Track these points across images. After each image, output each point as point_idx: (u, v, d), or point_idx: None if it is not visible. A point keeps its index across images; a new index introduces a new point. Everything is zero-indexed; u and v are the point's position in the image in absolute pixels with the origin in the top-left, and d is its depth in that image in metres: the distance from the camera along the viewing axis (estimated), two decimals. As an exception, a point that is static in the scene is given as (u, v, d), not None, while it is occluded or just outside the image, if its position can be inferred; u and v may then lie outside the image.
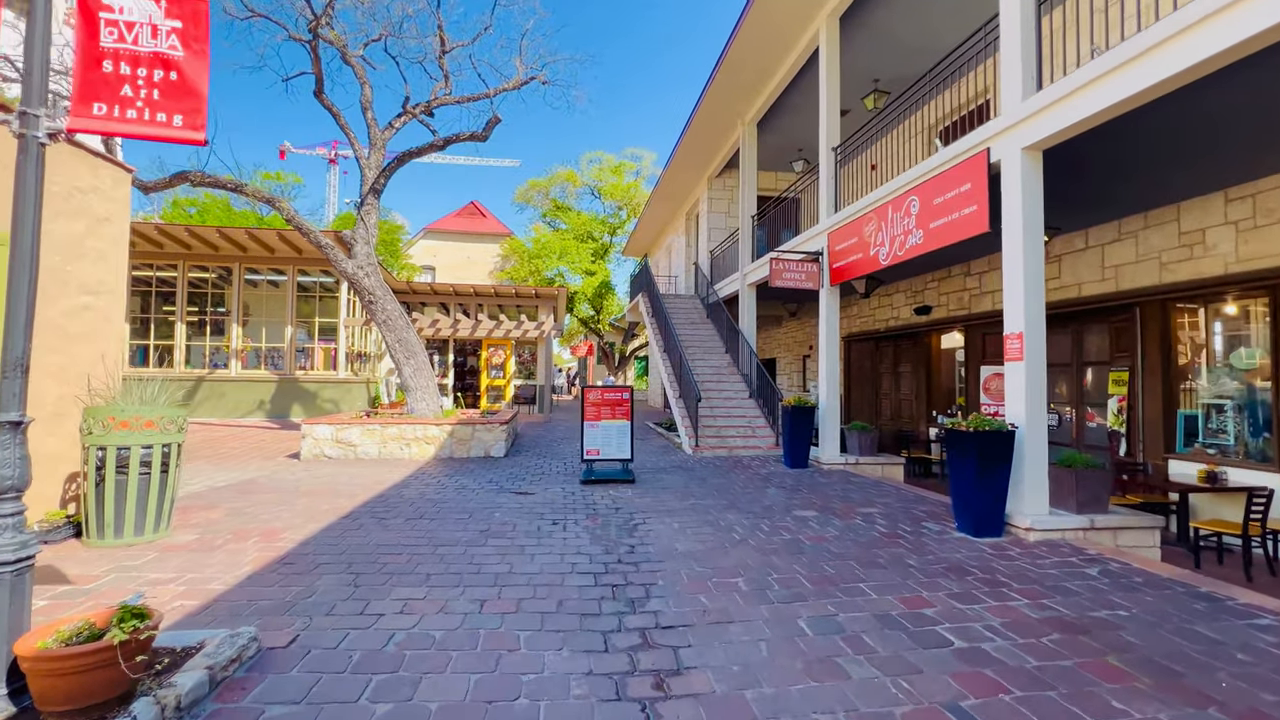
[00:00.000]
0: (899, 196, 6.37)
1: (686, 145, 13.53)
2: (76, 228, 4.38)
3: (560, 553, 4.15)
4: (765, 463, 8.36)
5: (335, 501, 5.54)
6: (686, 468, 7.97)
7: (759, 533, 4.72)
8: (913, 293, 11.46)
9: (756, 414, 10.21)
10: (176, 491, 4.28)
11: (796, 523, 5.05)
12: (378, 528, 4.67)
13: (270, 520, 4.80)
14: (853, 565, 3.93)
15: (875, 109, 10.20)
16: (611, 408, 7.00)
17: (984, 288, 9.54)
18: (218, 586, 3.31)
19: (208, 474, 6.92)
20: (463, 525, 4.81)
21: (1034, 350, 4.66)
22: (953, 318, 10.21)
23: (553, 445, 10.26)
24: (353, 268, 9.60)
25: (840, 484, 6.93)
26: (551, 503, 5.74)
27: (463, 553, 4.08)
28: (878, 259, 6.78)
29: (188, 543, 4.10)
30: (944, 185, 5.57)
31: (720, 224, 14.73)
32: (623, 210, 28.30)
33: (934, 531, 4.78)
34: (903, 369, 12.23)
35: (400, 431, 8.40)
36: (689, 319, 13.64)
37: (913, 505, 5.79)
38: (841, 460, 7.92)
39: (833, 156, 8.19)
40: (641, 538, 4.55)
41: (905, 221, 6.18)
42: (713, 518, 5.21)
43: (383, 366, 15.78)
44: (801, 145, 13.34)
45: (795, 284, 8.05)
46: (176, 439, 4.17)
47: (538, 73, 11.21)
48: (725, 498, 6.07)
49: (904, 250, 6.25)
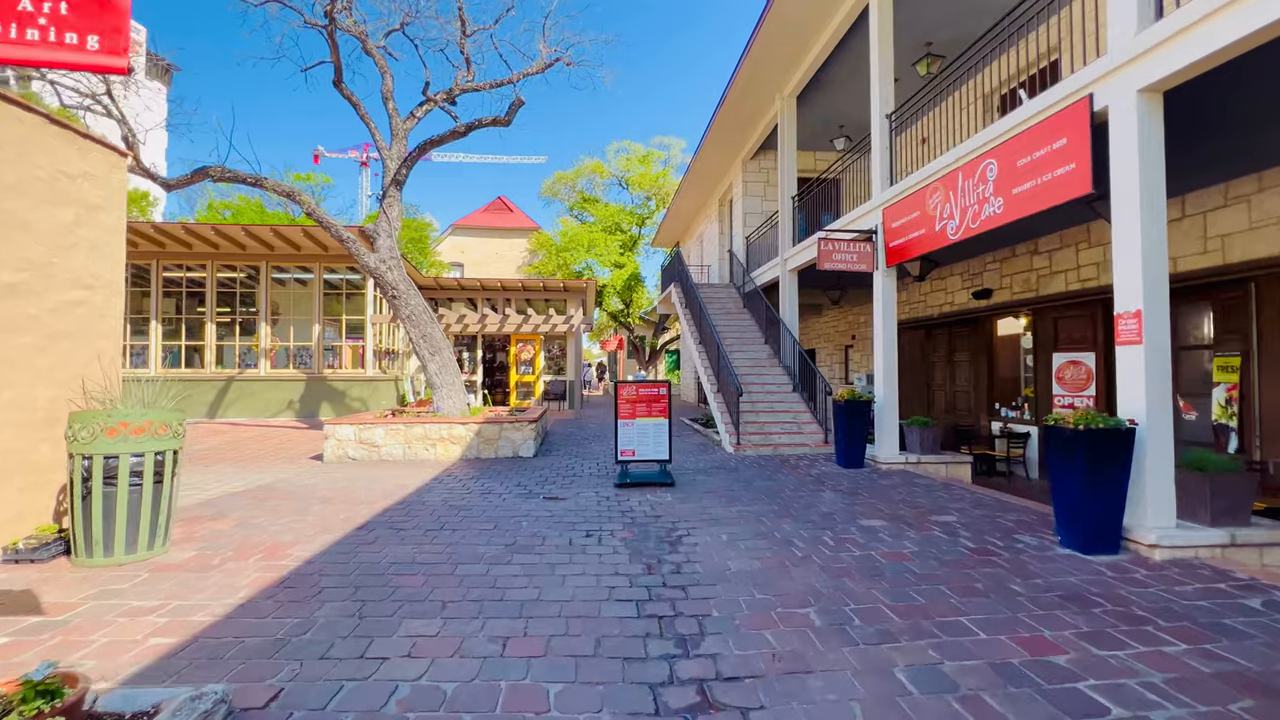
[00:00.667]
0: (972, 161, 5.61)
1: (720, 125, 12.81)
2: (64, 216, 4.01)
3: (596, 573, 3.60)
4: (815, 462, 7.68)
5: (352, 510, 5.12)
6: (729, 468, 7.35)
7: (823, 547, 4.10)
8: (970, 275, 10.56)
9: (801, 408, 9.51)
10: (175, 503, 3.89)
11: (865, 534, 4.40)
12: (393, 541, 4.20)
13: (279, 532, 4.38)
14: (945, 592, 3.28)
15: (929, 75, 9.35)
16: (648, 404, 6.43)
17: (1055, 267, 8.62)
18: (203, 619, 2.86)
19: (229, 478, 6.62)
20: (486, 538, 4.31)
21: (1156, 331, 3.89)
22: (1017, 301, 9.30)
23: (584, 444, 9.76)
24: (375, 261, 9.25)
25: (904, 486, 6.22)
26: (584, 510, 5.21)
27: (485, 573, 3.57)
28: (944, 234, 6.02)
29: (184, 561, 3.69)
30: (1031, 143, 4.80)
31: (756, 208, 13.98)
32: (651, 200, 27.66)
33: (1032, 547, 4.07)
34: (958, 358, 11.32)
35: (425, 431, 8.00)
36: (724, 309, 12.97)
37: (995, 513, 5.06)
38: (901, 459, 7.19)
39: (887, 124, 7.41)
40: (687, 553, 3.98)
41: (980, 189, 5.42)
42: (766, 528, 4.60)
43: (411, 364, 15.56)
44: (843, 121, 12.50)
45: (847, 266, 7.32)
46: (171, 445, 3.77)
47: (562, 54, 10.69)
48: (776, 503, 5.44)
49: (978, 223, 5.49)
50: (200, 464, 7.57)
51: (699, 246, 19.81)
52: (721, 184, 16.29)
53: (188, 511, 4.98)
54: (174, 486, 3.84)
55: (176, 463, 3.87)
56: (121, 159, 4.51)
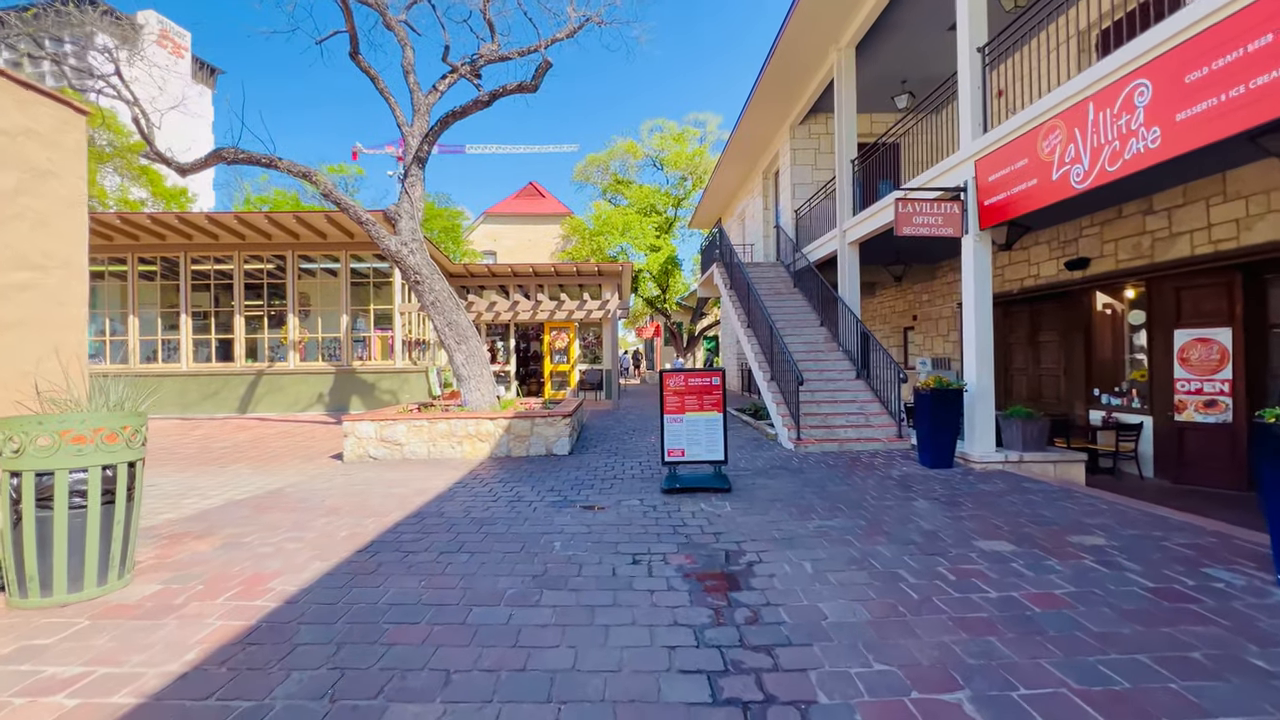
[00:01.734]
0: (1109, 87, 4.44)
1: (765, 88, 11.64)
2: (1, 181, 3.33)
3: (648, 622, 2.74)
4: (891, 460, 6.64)
5: (359, 524, 4.40)
6: (791, 468, 6.39)
7: (942, 583, 3.13)
8: (1061, 243, 9.22)
9: (868, 397, 8.43)
10: (135, 527, 3.20)
11: (992, 564, 3.41)
12: (399, 569, 3.44)
13: (267, 557, 3.68)
14: (1151, 667, 2.28)
15: (1017, 8, 8.02)
16: (699, 397, 5.52)
17: (1176, 227, 7.27)
18: (125, 700, 2.12)
19: (240, 481, 6.04)
20: (510, 565, 3.50)
21: None
22: (1124, 270, 7.96)
23: (623, 439, 8.93)
24: (396, 244, 8.57)
25: (1013, 494, 5.14)
26: (628, 524, 4.36)
27: (505, 622, 2.76)
28: (1065, 184, 4.87)
29: (140, 601, 3.00)
30: (1213, 47, 3.64)
31: (806, 178, 12.79)
32: (687, 180, 26.49)
33: (1240, 589, 3.00)
34: (1044, 338, 9.99)
35: (450, 428, 7.30)
36: (773, 289, 11.89)
37: (1153, 532, 3.97)
38: (999, 458, 6.09)
39: (979, 59, 6.21)
40: (764, 591, 3.08)
41: (1123, 121, 4.26)
42: (858, 552, 3.65)
43: (442, 355, 15.02)
44: (906, 75, 11.18)
45: (930, 230, 6.21)
46: (126, 457, 3.07)
47: (592, 13, 9.75)
48: (861, 515, 4.47)
49: (1118, 165, 4.34)
50: (216, 464, 7.06)
51: (740, 225, 18.64)
52: (766, 154, 15.09)
53: (174, 527, 4.35)
54: (132, 507, 3.14)
55: (136, 478, 3.17)
56: (79, 116, 3.83)
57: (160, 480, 6.10)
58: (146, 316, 12.98)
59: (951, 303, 12.05)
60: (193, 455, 7.73)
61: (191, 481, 6.04)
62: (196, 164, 8.87)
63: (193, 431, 10.12)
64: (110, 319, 12.98)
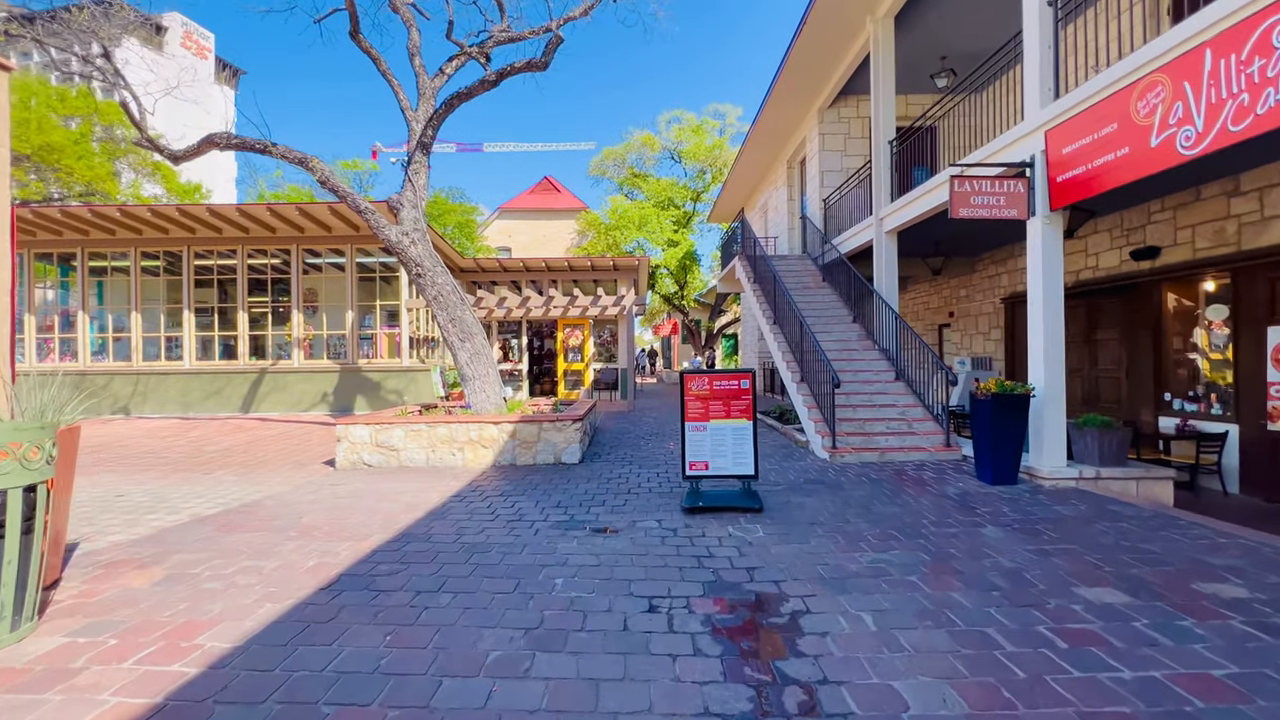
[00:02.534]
0: (1233, 29, 3.63)
1: (792, 68, 10.85)
2: (-112, 142, 2.76)
3: (669, 710, 2.06)
4: (943, 474, 5.86)
5: (331, 550, 3.78)
6: (828, 482, 5.66)
7: (1051, 654, 2.40)
8: (1124, 231, 8.32)
9: (910, 401, 7.63)
10: (35, 562, 2.60)
11: (1109, 625, 2.66)
12: (362, 616, 2.80)
13: (211, 595, 3.07)
14: None
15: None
16: (725, 402, 4.82)
17: (1269, 210, 6.38)
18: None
19: (218, 490, 5.49)
20: (499, 612, 2.85)
21: None
22: (1203, 260, 7.07)
23: (639, 444, 8.25)
24: (397, 234, 8.00)
25: (1099, 519, 4.36)
26: (643, 554, 3.69)
27: (482, 704, 2.09)
28: (1170, 150, 4.06)
29: (30, 663, 2.40)
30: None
31: (835, 164, 11.96)
32: (706, 173, 25.68)
33: None
34: (1102, 336, 9.07)
35: (451, 432, 6.69)
36: (800, 283, 11.10)
37: (1297, 577, 3.18)
38: (1073, 473, 5.28)
39: (1050, 14, 5.39)
40: (818, 660, 2.38)
41: (1258, 66, 3.46)
42: (929, 601, 2.92)
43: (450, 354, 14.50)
44: (946, 51, 10.31)
45: (991, 213, 5.42)
46: (22, 480, 2.47)
47: (607, -12, 9.07)
48: (922, 547, 3.73)
49: (1246, 122, 3.53)
50: (200, 470, 6.54)
51: (762, 217, 17.82)
52: (791, 141, 14.27)
53: (119, 551, 3.77)
54: (28, 543, 2.55)
55: (39, 505, 2.58)
56: (1, 73, 3.25)
57: (132, 489, 5.58)
58: (150, 313, 12.63)
59: (994, 298, 11.15)
60: (179, 460, 7.24)
61: (165, 491, 5.50)
62: (189, 151, 8.40)
63: (189, 432, 9.68)
64: (113, 315, 12.65)
